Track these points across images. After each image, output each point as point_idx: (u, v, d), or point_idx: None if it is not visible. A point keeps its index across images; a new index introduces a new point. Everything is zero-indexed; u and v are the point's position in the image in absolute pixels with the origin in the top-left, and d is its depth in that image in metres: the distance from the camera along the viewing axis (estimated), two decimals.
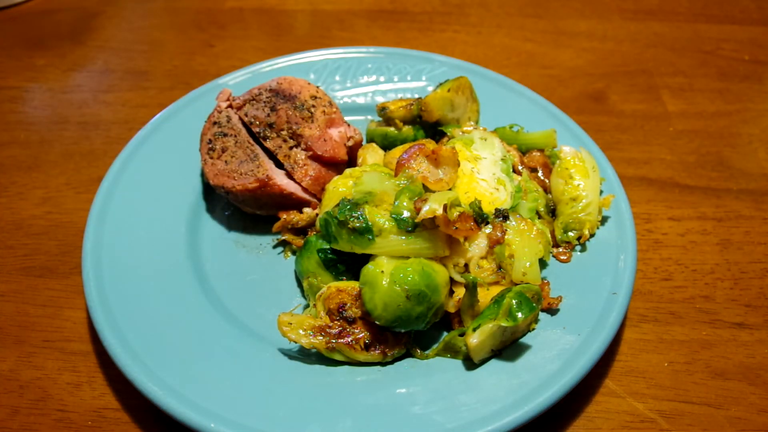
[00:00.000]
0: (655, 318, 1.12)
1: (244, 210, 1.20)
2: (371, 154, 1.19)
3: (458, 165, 1.03)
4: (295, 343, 0.96)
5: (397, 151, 1.14)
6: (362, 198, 0.99)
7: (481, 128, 1.21)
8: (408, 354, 1.00)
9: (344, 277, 1.03)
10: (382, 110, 1.25)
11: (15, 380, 1.04)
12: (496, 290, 0.99)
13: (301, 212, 1.15)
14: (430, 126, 1.24)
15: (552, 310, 1.01)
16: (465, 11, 1.88)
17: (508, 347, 0.97)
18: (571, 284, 1.05)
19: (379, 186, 1.00)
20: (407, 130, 1.23)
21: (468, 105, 1.26)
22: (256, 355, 0.98)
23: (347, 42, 1.75)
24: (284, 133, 1.18)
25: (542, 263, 1.07)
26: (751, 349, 1.08)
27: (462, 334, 0.96)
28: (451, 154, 1.01)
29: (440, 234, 0.97)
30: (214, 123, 1.21)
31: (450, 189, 1.01)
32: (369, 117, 1.39)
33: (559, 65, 1.69)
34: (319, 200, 1.16)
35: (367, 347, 0.96)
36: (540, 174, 1.17)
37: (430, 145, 1.07)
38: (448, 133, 1.20)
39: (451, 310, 0.99)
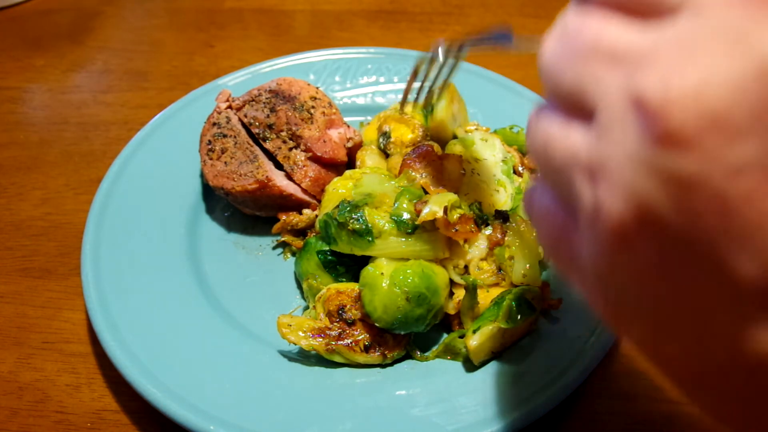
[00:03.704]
0: None
1: (244, 211, 1.20)
2: (370, 156, 1.19)
3: (462, 174, 1.02)
4: (295, 344, 0.96)
5: (399, 156, 1.13)
6: (362, 200, 0.99)
7: (482, 128, 1.21)
8: (408, 356, 1.00)
9: (344, 279, 1.03)
10: (383, 135, 1.17)
11: (14, 382, 1.03)
12: (496, 292, 0.99)
13: (301, 213, 1.15)
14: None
15: (552, 312, 1.01)
16: (465, 11, 1.88)
17: (508, 349, 0.97)
18: (571, 286, 1.04)
19: (379, 188, 1.00)
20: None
21: (461, 106, 1.25)
22: (255, 357, 0.98)
23: (347, 42, 1.74)
24: (284, 134, 1.18)
25: (542, 265, 1.06)
26: None
27: (462, 336, 0.96)
28: (457, 165, 1.01)
29: (440, 236, 0.96)
30: (214, 124, 1.20)
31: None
32: (369, 118, 1.38)
33: None
34: (319, 201, 1.16)
35: (366, 349, 0.96)
36: None
37: (436, 148, 1.06)
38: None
39: (451, 311, 0.99)
